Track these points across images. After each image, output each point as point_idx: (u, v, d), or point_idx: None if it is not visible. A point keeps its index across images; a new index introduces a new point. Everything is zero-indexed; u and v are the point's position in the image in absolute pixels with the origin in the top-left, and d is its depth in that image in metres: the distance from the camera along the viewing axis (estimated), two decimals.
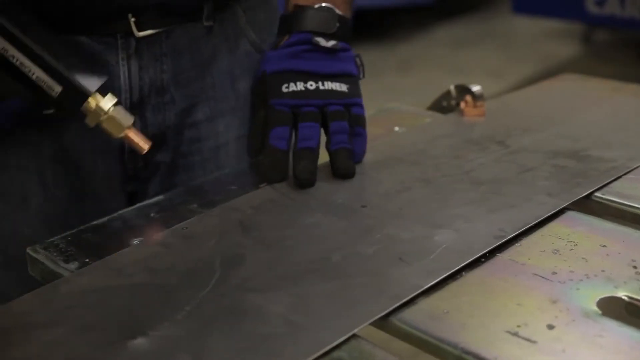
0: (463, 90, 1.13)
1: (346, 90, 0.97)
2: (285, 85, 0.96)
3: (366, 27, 5.27)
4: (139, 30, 0.96)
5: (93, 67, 0.92)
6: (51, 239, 0.85)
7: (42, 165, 0.99)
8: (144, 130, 0.99)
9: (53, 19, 0.91)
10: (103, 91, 0.90)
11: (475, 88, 1.12)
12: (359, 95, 0.99)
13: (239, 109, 1.06)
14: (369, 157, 0.97)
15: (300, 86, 0.96)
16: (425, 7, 5.38)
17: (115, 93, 0.92)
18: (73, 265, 0.80)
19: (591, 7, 3.38)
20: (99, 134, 0.91)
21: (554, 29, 5.08)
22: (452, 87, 1.14)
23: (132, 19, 0.94)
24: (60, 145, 0.97)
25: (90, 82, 0.90)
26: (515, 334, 0.66)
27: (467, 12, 5.81)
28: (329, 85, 0.97)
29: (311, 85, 0.96)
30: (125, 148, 1.00)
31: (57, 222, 0.97)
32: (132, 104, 0.98)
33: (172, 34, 0.99)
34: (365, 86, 1.00)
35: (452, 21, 5.62)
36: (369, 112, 1.00)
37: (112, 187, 1.02)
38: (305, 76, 0.97)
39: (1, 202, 1.00)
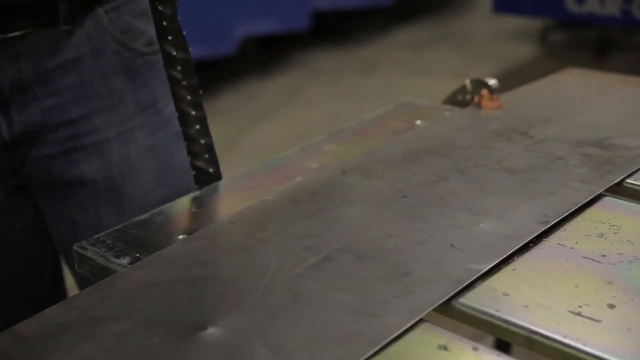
0: (479, 84, 1.15)
1: None
2: None
3: (326, 30, 5.29)
4: None
5: None
6: (97, 236, 0.85)
7: None
8: (10, 129, 1.03)
9: None
10: None
11: (492, 82, 1.14)
12: None
13: (116, 106, 1.08)
14: (399, 149, 0.99)
15: None
16: (382, 9, 5.43)
17: None
18: (125, 260, 0.80)
19: (571, 5, 3.44)
20: None
21: (511, 30, 5.16)
22: (467, 82, 1.16)
23: None
24: None
25: None
26: (579, 314, 0.68)
27: (424, 13, 5.87)
28: None
29: None
30: None
31: None
32: None
33: (29, 37, 1.01)
34: (329, 88, 1.01)
35: (411, 23, 5.68)
36: (350, 110, 1.02)
37: None
38: None
39: None
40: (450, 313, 0.71)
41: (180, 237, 0.84)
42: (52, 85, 1.04)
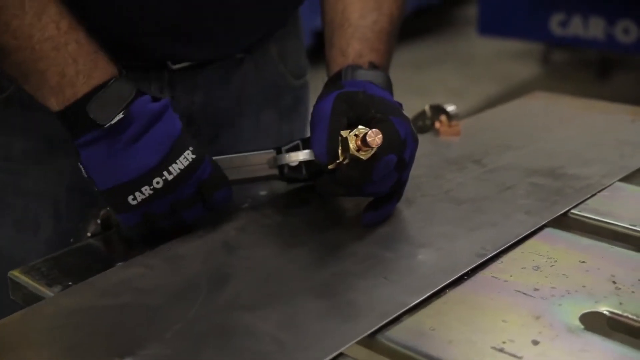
0: (438, 110, 1.14)
1: None
2: None
3: None
4: (174, 62, 0.94)
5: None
6: (32, 263, 0.84)
7: (59, 193, 0.97)
8: None
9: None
10: None
11: (450, 108, 1.13)
12: None
13: (260, 139, 1.06)
14: None
15: None
16: None
17: None
18: (56, 289, 0.80)
19: (555, 28, 3.43)
20: None
21: (513, 50, 5.15)
22: (427, 107, 1.16)
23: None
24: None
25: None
26: (501, 350, 0.67)
27: (426, 34, 5.87)
28: None
29: None
30: None
31: None
32: None
33: (207, 66, 0.98)
34: None
35: (413, 43, 5.67)
36: None
37: None
38: None
39: (13, 228, 0.99)
40: (375, 347, 0.70)
41: (119, 264, 0.84)
42: (216, 118, 1.01)
